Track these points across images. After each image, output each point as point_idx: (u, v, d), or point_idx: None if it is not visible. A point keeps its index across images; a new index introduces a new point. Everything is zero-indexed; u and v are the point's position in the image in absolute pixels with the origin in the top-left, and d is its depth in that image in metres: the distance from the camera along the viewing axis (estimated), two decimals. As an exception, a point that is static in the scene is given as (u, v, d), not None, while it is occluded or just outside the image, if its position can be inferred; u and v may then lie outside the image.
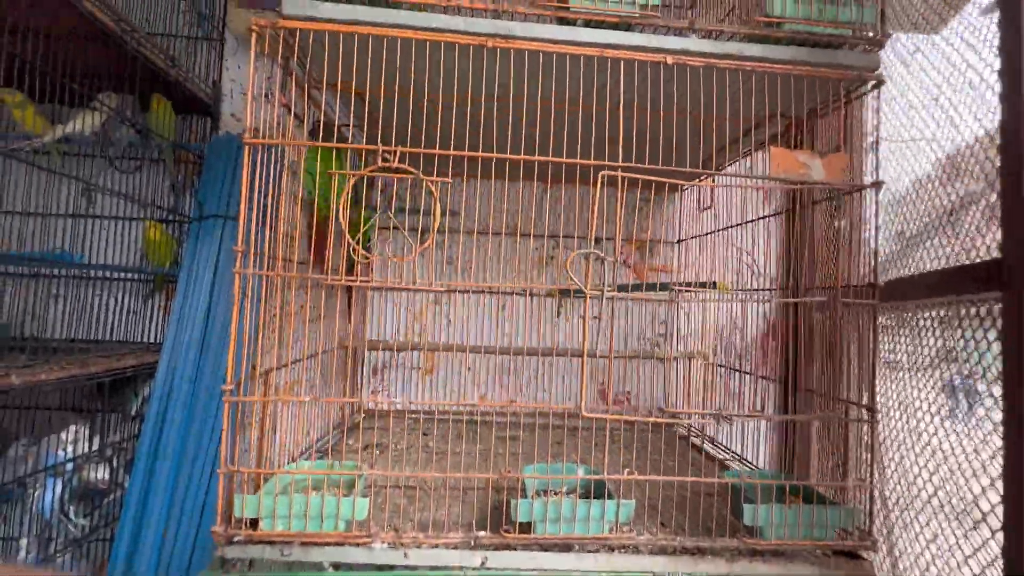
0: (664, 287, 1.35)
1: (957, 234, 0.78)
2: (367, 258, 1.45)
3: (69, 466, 1.27)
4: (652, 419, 1.52)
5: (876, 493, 0.85)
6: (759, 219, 1.56)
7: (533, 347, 1.70)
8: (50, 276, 1.58)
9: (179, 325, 1.43)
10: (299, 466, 0.87)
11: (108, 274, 1.56)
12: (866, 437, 0.87)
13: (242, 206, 0.78)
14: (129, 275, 1.60)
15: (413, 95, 0.87)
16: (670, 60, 0.83)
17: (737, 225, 1.54)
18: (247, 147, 0.79)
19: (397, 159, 0.78)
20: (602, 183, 0.79)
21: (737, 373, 1.57)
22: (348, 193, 0.78)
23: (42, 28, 1.19)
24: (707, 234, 1.61)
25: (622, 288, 1.44)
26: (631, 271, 1.76)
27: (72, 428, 1.23)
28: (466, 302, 1.71)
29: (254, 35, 0.78)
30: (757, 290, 1.50)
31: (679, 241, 1.72)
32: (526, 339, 1.71)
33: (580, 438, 1.51)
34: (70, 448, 1.25)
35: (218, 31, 1.73)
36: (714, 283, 1.34)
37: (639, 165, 0.83)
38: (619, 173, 0.80)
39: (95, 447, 1.36)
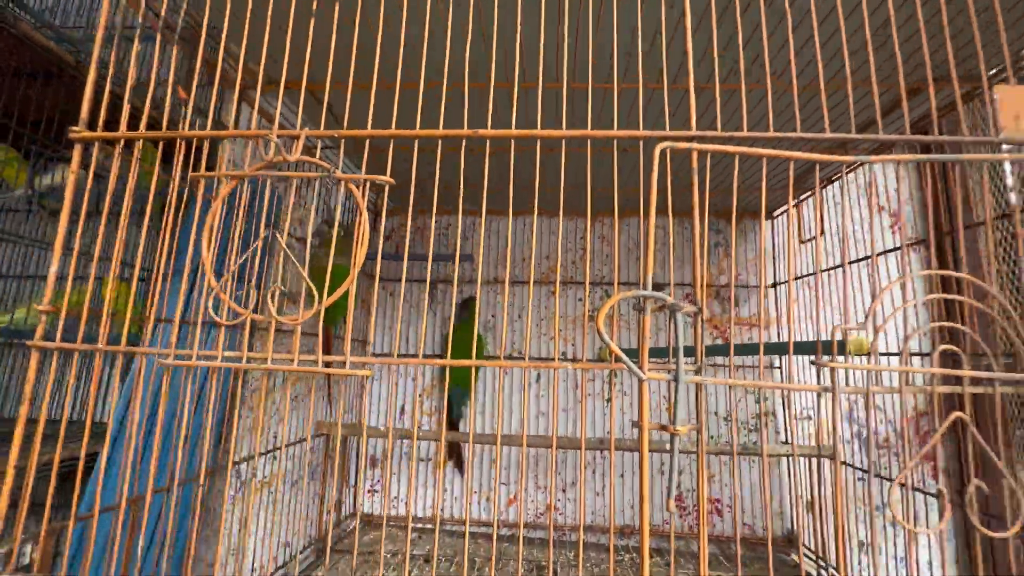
0: (774, 349, 0.90)
1: None
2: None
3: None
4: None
5: None
6: (887, 252, 1.09)
7: (579, 434, 1.27)
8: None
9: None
10: None
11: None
12: None
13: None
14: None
15: (358, 81, 0.57)
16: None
17: (859, 261, 1.08)
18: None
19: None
20: (662, 159, 0.41)
21: (883, 480, 1.05)
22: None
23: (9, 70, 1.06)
24: (814, 273, 1.15)
25: (691, 352, 1.00)
26: (708, 326, 1.32)
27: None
28: (488, 374, 1.33)
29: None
30: (900, 355, 1.01)
31: (775, 285, 1.27)
32: (576, 421, 1.29)
33: (653, 569, 1.03)
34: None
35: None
36: (842, 343, 0.89)
37: (725, 134, 0.45)
38: (693, 144, 0.42)
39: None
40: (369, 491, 1.30)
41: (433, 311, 1.36)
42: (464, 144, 0.47)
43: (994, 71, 0.70)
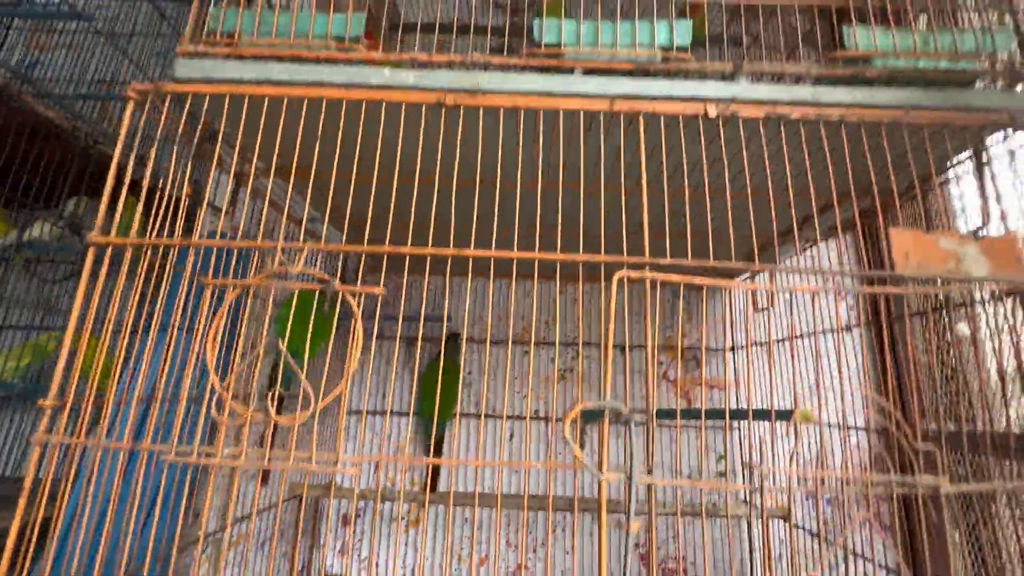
0: (716, 415, 0.98)
1: None
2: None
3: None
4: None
5: None
6: (827, 333, 1.20)
7: (549, 493, 1.30)
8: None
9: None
10: None
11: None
12: None
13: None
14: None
15: (358, 175, 0.64)
16: (712, 111, 0.57)
17: (802, 337, 1.18)
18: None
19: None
20: (619, 287, 0.49)
21: (829, 541, 1.11)
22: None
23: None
24: (764, 344, 1.25)
25: (659, 414, 1.08)
26: (672, 387, 1.39)
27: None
28: (464, 431, 1.36)
29: (131, 104, 0.58)
30: (849, 427, 1.11)
31: (732, 349, 1.37)
32: (544, 480, 1.33)
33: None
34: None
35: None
36: (789, 412, 0.97)
37: (672, 262, 0.53)
38: (646, 274, 0.50)
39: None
40: (339, 552, 1.29)
41: (410, 367, 1.40)
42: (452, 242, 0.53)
43: (907, 184, 0.82)
